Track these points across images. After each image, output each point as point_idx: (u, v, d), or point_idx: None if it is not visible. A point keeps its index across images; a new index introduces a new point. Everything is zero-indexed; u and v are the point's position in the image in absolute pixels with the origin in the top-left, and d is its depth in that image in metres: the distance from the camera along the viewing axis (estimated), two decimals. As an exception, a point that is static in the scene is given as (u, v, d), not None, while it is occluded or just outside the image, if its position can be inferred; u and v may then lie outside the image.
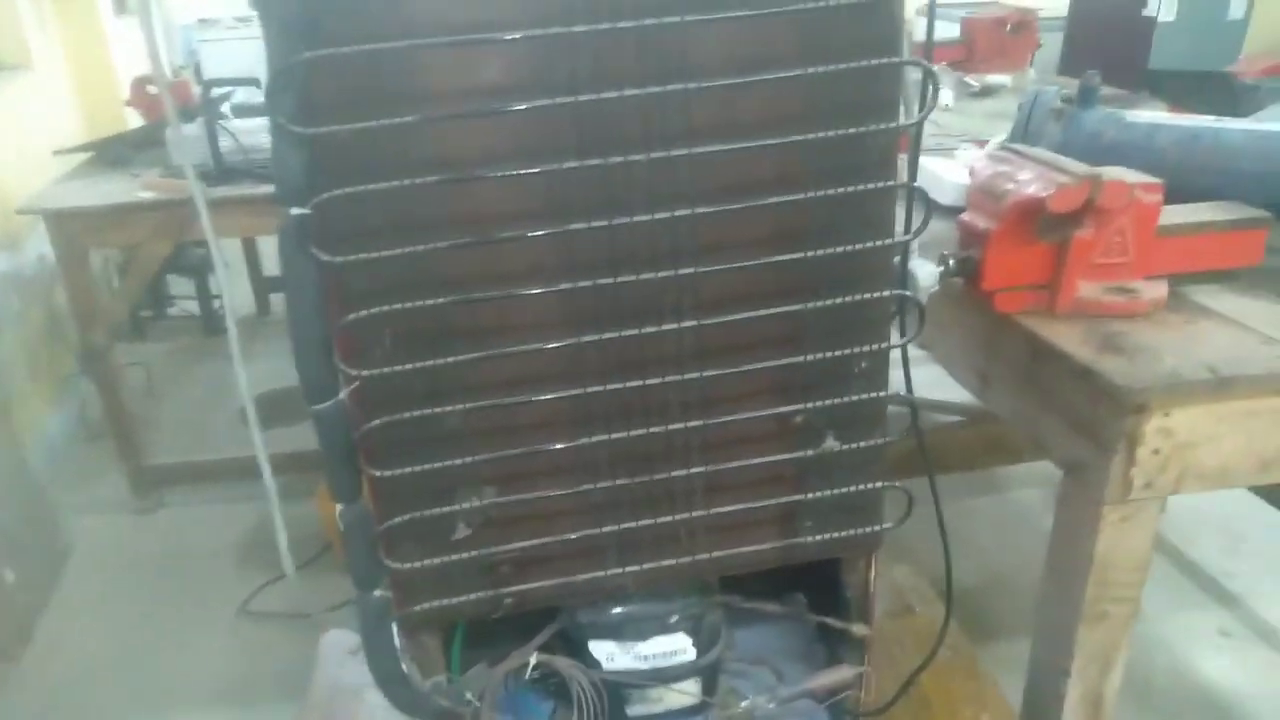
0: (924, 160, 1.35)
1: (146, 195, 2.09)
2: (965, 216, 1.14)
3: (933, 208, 0.71)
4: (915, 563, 1.42)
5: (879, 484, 0.81)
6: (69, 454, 2.79)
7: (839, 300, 0.73)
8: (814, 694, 0.96)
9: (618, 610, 0.91)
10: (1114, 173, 1.06)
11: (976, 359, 1.28)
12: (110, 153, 2.45)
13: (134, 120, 2.85)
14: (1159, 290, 1.12)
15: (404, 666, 0.79)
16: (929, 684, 1.19)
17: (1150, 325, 1.10)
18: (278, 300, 3.65)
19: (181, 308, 3.64)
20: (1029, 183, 1.09)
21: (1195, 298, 1.17)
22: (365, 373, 0.67)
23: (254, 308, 3.71)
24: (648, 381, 0.73)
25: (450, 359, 0.68)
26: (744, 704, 0.93)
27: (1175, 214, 1.14)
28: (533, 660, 0.82)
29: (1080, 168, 1.07)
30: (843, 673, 0.93)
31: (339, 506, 0.72)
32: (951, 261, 1.11)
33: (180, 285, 3.59)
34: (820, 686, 0.95)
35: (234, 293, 0.99)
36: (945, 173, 1.41)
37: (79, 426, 2.89)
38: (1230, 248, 1.16)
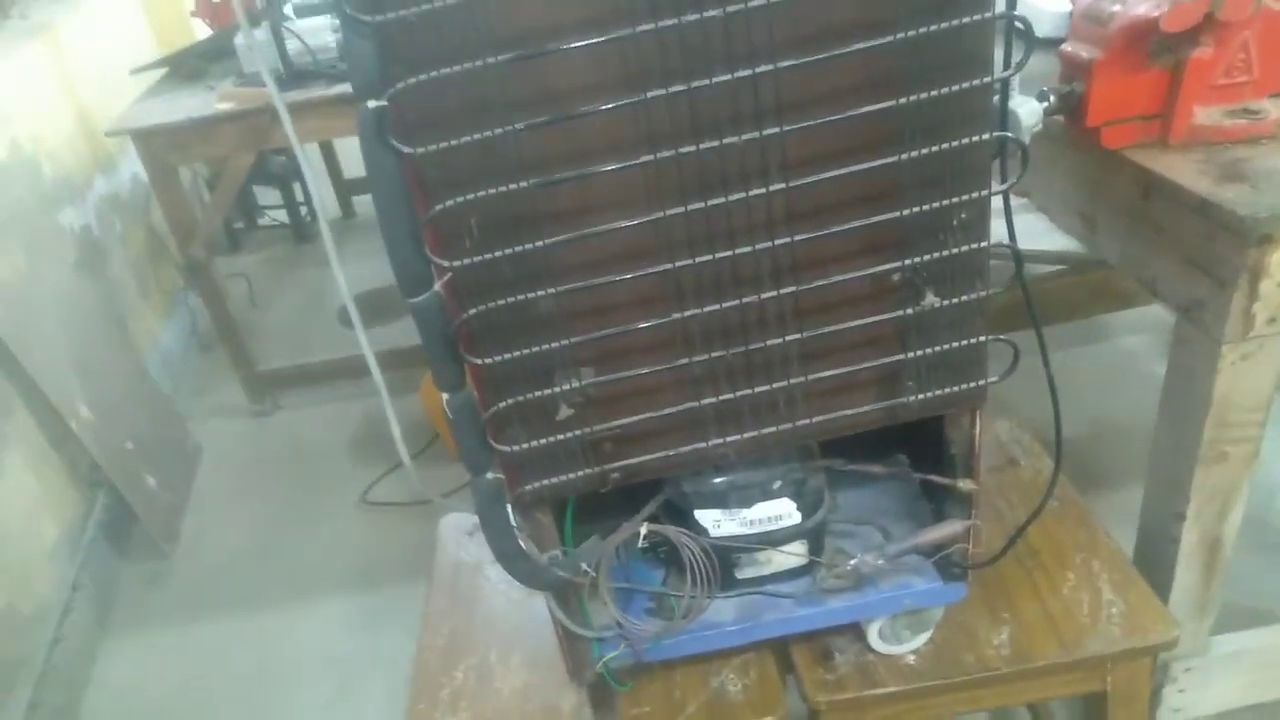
0: (1018, -11, 1.25)
1: (224, 106, 2.11)
2: (1067, 47, 1.06)
3: (1033, 40, 0.66)
4: (1019, 416, 1.39)
5: (983, 338, 0.79)
6: (186, 365, 2.95)
7: (936, 148, 0.69)
8: (922, 549, 0.97)
9: (721, 479, 0.93)
10: (1237, -20, 0.96)
11: (1081, 202, 1.21)
12: (184, 67, 2.47)
13: (201, 30, 2.86)
14: (1286, 110, 1.03)
15: (521, 542, 0.83)
16: (1036, 535, 1.19)
17: (1277, 148, 1.01)
18: (361, 203, 3.71)
19: (271, 217, 3.73)
20: (1138, 2, 1.00)
21: (1326, 115, 1.07)
22: (456, 263, 0.67)
23: (339, 211, 3.78)
24: (737, 251, 0.71)
25: (536, 244, 0.68)
26: (852, 562, 0.94)
27: (1305, 21, 1.03)
28: (643, 530, 0.85)
29: (1197, -21, 0.97)
30: (951, 527, 0.93)
31: (445, 396, 0.74)
32: (1053, 97, 1.04)
33: (266, 195, 3.67)
34: (928, 541, 0.96)
35: (319, 197, 1.01)
36: (1043, 1, 1.31)
37: (191, 338, 3.04)
38: (1370, 55, 1.05)
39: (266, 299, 3.28)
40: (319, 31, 2.20)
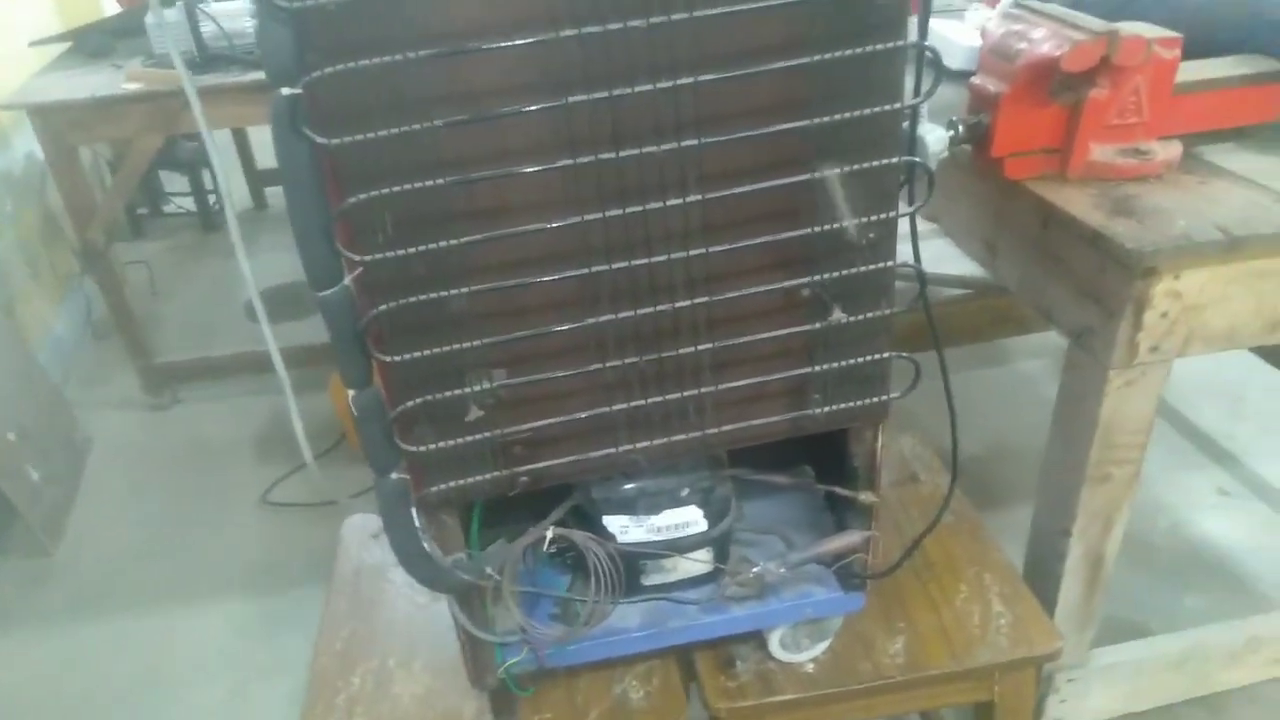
0: (933, 23, 1.30)
1: (132, 87, 2.02)
2: (976, 79, 1.11)
3: (943, 71, 0.68)
4: (921, 433, 1.44)
5: (887, 354, 0.81)
6: (79, 353, 2.81)
7: (846, 169, 0.71)
8: (823, 559, 0.99)
9: (630, 485, 0.93)
10: (1131, 28, 1.02)
11: (985, 228, 1.26)
12: (90, 42, 2.37)
13: (110, 7, 2.74)
14: (1173, 151, 1.10)
15: (425, 545, 0.82)
16: (933, 548, 1.23)
17: (1163, 187, 1.08)
18: (273, 194, 3.60)
19: (177, 204, 3.59)
20: (1042, 41, 1.05)
21: (1209, 157, 1.14)
22: (367, 258, 0.66)
23: (250, 202, 3.66)
24: (653, 259, 0.72)
25: (451, 242, 0.67)
26: (755, 569, 0.96)
27: (1191, 70, 1.10)
28: (549, 534, 0.85)
29: (1096, 23, 1.02)
30: (850, 537, 0.96)
31: (351, 393, 0.72)
32: (960, 127, 1.08)
33: (174, 182, 3.53)
34: (829, 551, 0.98)
35: (228, 186, 0.97)
36: (955, 35, 1.36)
37: (85, 326, 2.90)
38: (1248, 104, 1.13)
39: (169, 288, 3.16)
40: (236, 16, 2.13)
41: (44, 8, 3.06)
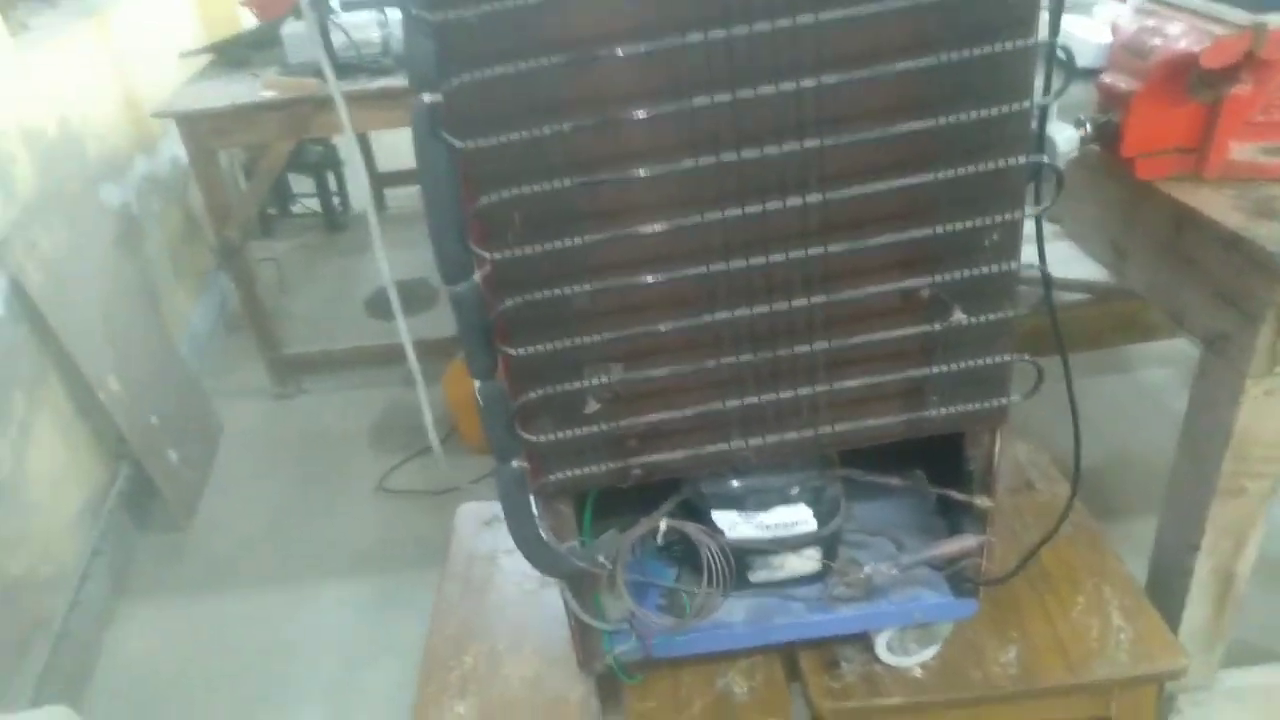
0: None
1: (268, 94, 2.15)
2: (1105, 77, 1.07)
3: (1073, 69, 0.67)
4: (1037, 440, 1.40)
5: (1008, 357, 0.80)
6: (213, 345, 2.99)
7: (972, 169, 0.70)
8: (935, 562, 0.98)
9: (740, 482, 0.94)
10: None
11: (1113, 231, 1.22)
12: (230, 54, 2.52)
13: (248, 20, 2.91)
14: (1321, 149, 1.04)
15: (541, 531, 0.85)
16: (1049, 558, 1.19)
17: (1310, 187, 1.02)
18: (393, 196, 3.75)
19: (304, 205, 3.78)
20: (1179, 37, 1.01)
21: (1363, 156, 1.08)
22: (497, 255, 0.69)
23: (371, 203, 3.81)
24: (771, 259, 0.73)
25: (576, 241, 0.70)
26: (865, 570, 0.96)
27: (1346, 63, 1.03)
28: (663, 526, 0.87)
29: (1240, 16, 0.98)
30: (965, 541, 0.94)
31: (477, 383, 0.76)
32: (1089, 126, 1.05)
33: (301, 184, 3.72)
34: (942, 554, 0.97)
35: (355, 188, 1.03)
36: (1083, 32, 1.32)
37: (220, 319, 3.08)
38: (1406, 99, 1.05)
39: (295, 285, 3.33)
40: (364, 27, 2.23)
41: (189, 24, 3.28)
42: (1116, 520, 1.84)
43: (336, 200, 3.66)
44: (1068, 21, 1.37)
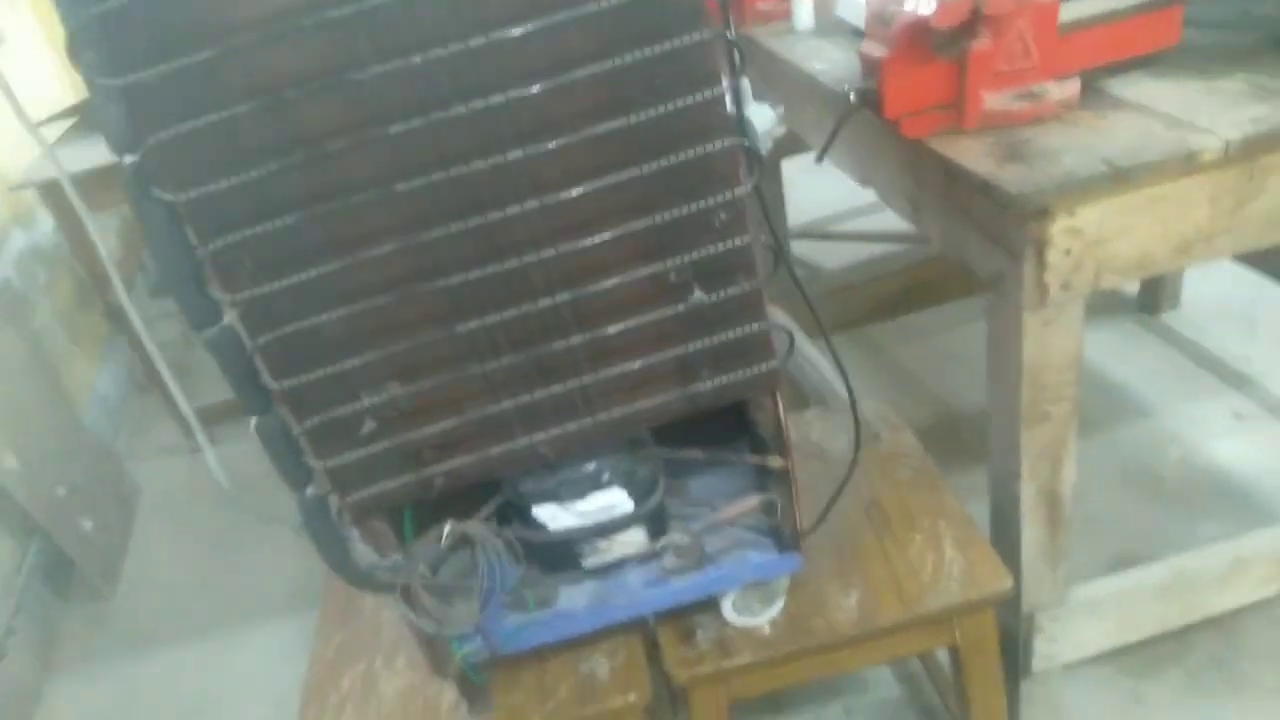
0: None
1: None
2: (864, 45, 1.13)
3: (747, 52, 0.72)
4: (915, 395, 1.45)
5: (758, 326, 0.85)
6: (127, 407, 2.98)
7: (671, 160, 0.75)
8: (720, 524, 1.04)
9: (554, 475, 0.99)
10: (999, -25, 1.04)
11: (908, 186, 1.28)
12: (94, 115, 2.51)
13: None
14: (1069, 90, 1.11)
15: (351, 550, 0.88)
16: (891, 504, 1.26)
17: (1060, 127, 1.09)
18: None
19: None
20: (918, 2, 1.07)
21: (1113, 90, 1.15)
22: (236, 296, 0.73)
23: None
24: (506, 265, 0.77)
25: (311, 273, 0.73)
26: (662, 541, 1.01)
27: (1078, 7, 1.11)
28: (446, 529, 0.91)
29: (964, -24, 1.04)
30: (748, 501, 1.00)
31: (253, 420, 0.80)
32: (853, 94, 1.11)
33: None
34: (726, 516, 1.03)
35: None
36: None
37: (130, 380, 3.07)
38: (1142, 33, 1.13)
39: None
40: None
41: (55, 88, 3.24)
42: (980, 465, 1.91)
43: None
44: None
